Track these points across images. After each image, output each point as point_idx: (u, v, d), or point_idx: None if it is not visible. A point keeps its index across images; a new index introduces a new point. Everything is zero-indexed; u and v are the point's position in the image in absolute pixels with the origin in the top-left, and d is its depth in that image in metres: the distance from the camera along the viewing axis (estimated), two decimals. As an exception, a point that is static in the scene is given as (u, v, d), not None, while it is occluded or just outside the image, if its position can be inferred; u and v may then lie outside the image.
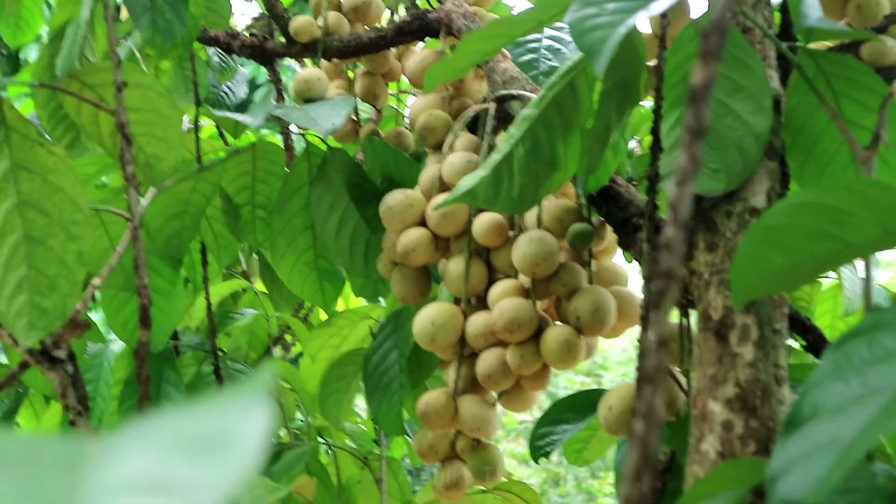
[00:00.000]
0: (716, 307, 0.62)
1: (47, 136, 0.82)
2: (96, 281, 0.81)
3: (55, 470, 0.19)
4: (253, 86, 4.28)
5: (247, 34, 1.20)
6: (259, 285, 1.46)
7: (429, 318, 0.83)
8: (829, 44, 0.82)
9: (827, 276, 1.30)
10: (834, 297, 1.31)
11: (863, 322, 0.48)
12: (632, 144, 1.39)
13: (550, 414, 1.09)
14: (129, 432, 0.20)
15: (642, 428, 0.33)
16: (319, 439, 1.27)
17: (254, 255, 1.58)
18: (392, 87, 1.24)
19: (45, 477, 0.19)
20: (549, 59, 0.90)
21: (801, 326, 0.70)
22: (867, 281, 0.58)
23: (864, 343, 0.48)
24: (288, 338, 1.61)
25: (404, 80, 1.21)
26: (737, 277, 0.55)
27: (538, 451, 1.09)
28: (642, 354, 0.32)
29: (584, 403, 1.11)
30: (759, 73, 0.65)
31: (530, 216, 0.85)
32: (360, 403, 1.95)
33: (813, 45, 0.67)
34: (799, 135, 0.68)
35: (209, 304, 1.17)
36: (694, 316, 0.67)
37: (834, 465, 0.43)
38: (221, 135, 1.52)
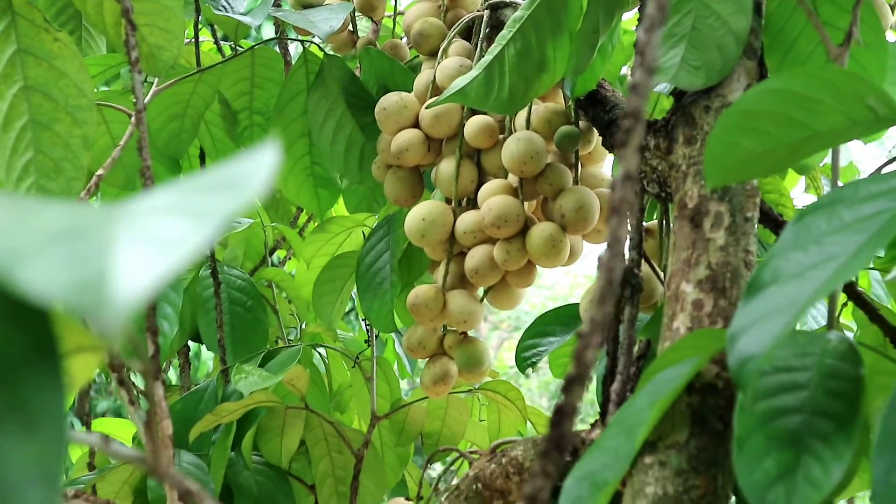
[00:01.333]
0: (691, 196, 0.66)
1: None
2: (100, 172, 0.84)
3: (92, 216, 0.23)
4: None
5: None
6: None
7: (420, 214, 0.86)
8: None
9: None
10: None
11: (823, 198, 0.52)
12: (624, 70, 1.41)
13: (536, 326, 1.13)
14: (157, 189, 0.23)
15: (608, 255, 0.36)
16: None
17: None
18: (388, 9, 1.25)
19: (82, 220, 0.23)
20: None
21: (774, 222, 0.73)
22: (834, 170, 0.62)
23: (824, 216, 0.51)
24: (281, 253, 1.64)
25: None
26: (709, 161, 0.58)
27: (524, 361, 1.13)
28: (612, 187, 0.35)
29: (568, 316, 1.15)
30: (741, -27, 0.67)
31: (519, 119, 0.87)
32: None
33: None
34: (777, 36, 0.71)
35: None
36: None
37: (789, 323, 0.47)
38: (220, 51, 1.54)
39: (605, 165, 0.97)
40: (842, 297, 0.73)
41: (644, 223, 0.80)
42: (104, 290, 0.20)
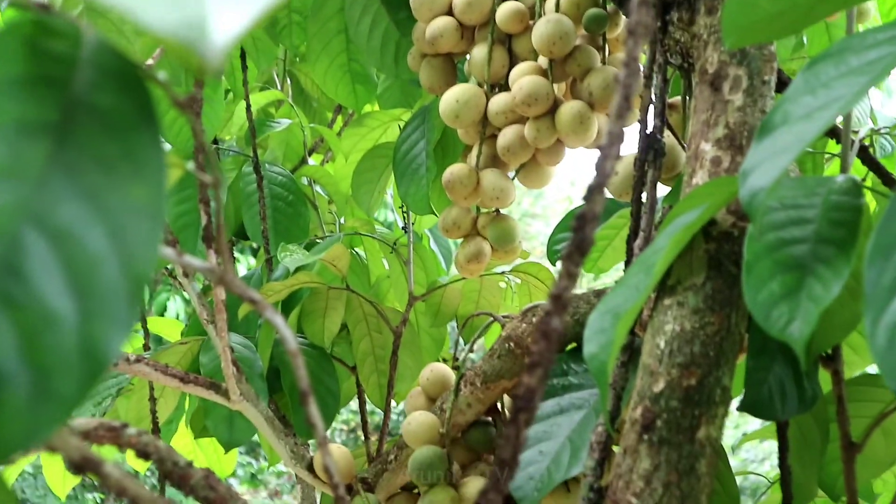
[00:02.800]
0: (711, 62, 0.69)
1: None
2: (149, 62, 0.89)
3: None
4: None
5: None
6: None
7: (454, 96, 0.90)
8: None
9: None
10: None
11: (832, 46, 0.55)
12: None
13: (567, 220, 1.18)
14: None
15: (625, 74, 0.40)
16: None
17: (287, 78, 1.65)
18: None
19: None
20: None
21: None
22: (848, 28, 0.65)
23: (832, 63, 0.55)
24: (318, 158, 1.68)
25: None
26: (727, 22, 0.61)
27: (555, 254, 1.17)
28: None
29: (598, 210, 1.19)
30: None
31: (549, 3, 0.91)
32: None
33: None
34: None
35: (248, 106, 1.24)
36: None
37: (796, 156, 0.51)
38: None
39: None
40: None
41: (668, 99, 0.83)
42: (206, 27, 0.25)
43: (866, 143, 0.83)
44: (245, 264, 2.93)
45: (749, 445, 5.54)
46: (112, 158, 0.29)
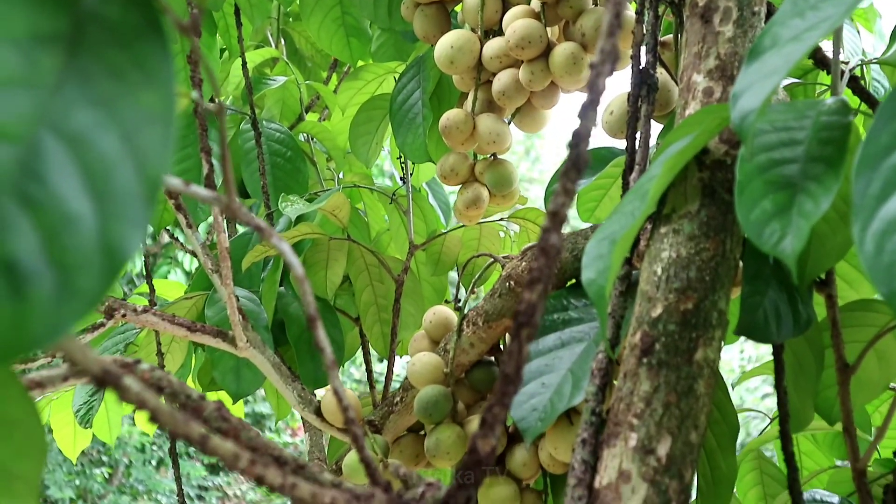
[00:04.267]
0: (702, -6, 0.70)
1: None
2: None
3: None
4: None
5: None
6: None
7: (449, 42, 0.91)
8: None
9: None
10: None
11: (819, -30, 0.56)
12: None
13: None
14: None
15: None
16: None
17: (281, 38, 1.66)
18: None
19: None
20: None
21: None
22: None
23: (820, -14, 0.55)
24: (314, 116, 1.69)
25: None
26: (717, -49, 0.62)
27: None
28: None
29: (595, 160, 1.21)
30: None
31: (541, -54, 0.91)
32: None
33: None
34: None
35: (244, 62, 1.25)
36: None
37: (784, 76, 0.52)
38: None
39: None
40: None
41: (661, 37, 0.84)
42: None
43: (857, 74, 0.83)
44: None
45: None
46: (122, 67, 0.30)
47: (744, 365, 6.21)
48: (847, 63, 0.77)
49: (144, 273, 1.51)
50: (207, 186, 0.78)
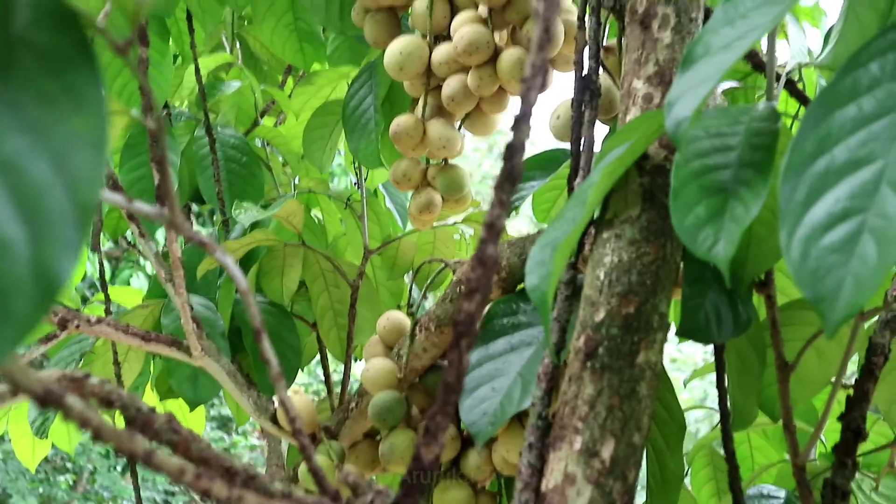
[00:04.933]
0: (641, 2, 0.72)
1: None
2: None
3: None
4: None
5: None
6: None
7: (397, 48, 0.92)
8: None
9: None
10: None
11: (749, -20, 0.58)
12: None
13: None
14: None
15: (544, 7, 0.42)
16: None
17: (236, 42, 1.65)
18: None
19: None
20: None
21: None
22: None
23: (750, -4, 0.57)
24: (269, 121, 1.69)
25: None
26: (653, -39, 0.63)
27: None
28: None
29: (548, 161, 1.22)
30: None
31: (487, -47, 0.92)
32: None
33: None
34: None
35: (198, 69, 1.25)
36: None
37: (716, 84, 0.53)
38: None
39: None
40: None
41: (604, 44, 0.86)
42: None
43: (794, 77, 0.85)
44: (205, 234, 2.95)
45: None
46: (52, 93, 0.31)
47: (707, 359, 6.30)
48: (784, 66, 0.79)
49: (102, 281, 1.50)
50: (159, 197, 0.78)
